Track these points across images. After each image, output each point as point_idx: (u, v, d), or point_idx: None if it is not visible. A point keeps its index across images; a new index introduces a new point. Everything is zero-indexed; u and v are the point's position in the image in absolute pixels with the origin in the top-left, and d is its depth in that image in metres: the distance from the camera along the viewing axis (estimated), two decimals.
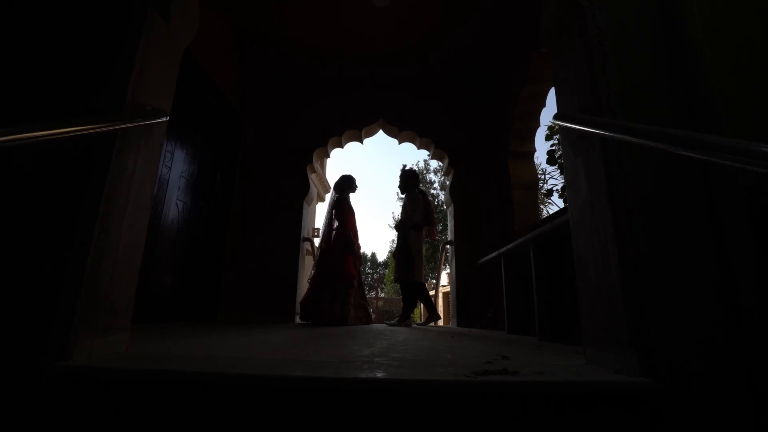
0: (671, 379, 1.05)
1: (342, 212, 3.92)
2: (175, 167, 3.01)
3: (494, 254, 3.30)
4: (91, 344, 1.25)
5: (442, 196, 19.25)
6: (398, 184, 4.25)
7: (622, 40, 1.39)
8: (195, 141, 3.34)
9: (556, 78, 1.69)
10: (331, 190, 4.17)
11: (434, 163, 20.55)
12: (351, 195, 4.13)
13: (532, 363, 1.44)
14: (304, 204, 4.30)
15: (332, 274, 3.66)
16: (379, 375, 1.08)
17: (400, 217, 4.10)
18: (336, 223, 3.92)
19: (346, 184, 4.09)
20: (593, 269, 1.35)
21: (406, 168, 4.31)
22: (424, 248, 3.89)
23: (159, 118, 1.44)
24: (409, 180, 4.19)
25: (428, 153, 4.85)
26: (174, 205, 3.02)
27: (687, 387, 1.05)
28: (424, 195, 4.18)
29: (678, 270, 1.13)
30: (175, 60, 1.72)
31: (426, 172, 20.21)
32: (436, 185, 19.84)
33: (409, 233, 3.92)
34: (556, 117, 1.49)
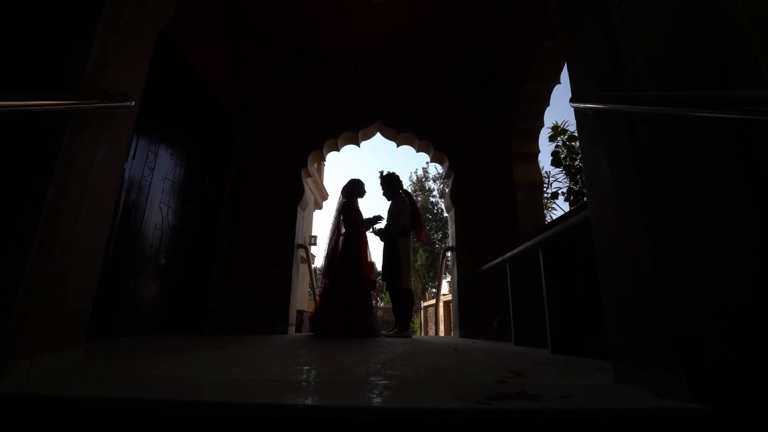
0: (730, 404, 0.86)
1: (351, 216, 3.75)
2: (159, 168, 2.83)
3: (499, 260, 3.11)
4: (30, 363, 1.05)
5: (441, 204, 19.07)
6: (382, 192, 4.07)
7: (646, 8, 1.22)
8: (182, 141, 3.17)
9: (570, 61, 1.53)
10: (339, 195, 4.00)
11: (433, 171, 20.44)
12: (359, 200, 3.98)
13: (551, 382, 1.24)
14: (299, 209, 4.11)
15: (343, 282, 3.47)
16: (373, 402, 0.89)
17: (386, 220, 3.92)
18: (344, 229, 3.74)
19: (354, 188, 3.92)
20: (621, 272, 1.16)
21: (384, 173, 4.11)
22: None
23: (121, 102, 1.26)
24: (392, 184, 4.01)
25: (427, 161, 4.68)
26: (157, 208, 2.83)
27: (752, 415, 0.85)
28: (410, 196, 4.00)
29: (734, 269, 0.95)
30: (147, 43, 1.55)
31: (425, 180, 20.06)
32: (435, 193, 19.68)
33: (396, 239, 3.74)
34: (573, 100, 1.31)
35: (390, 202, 3.97)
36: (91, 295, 1.27)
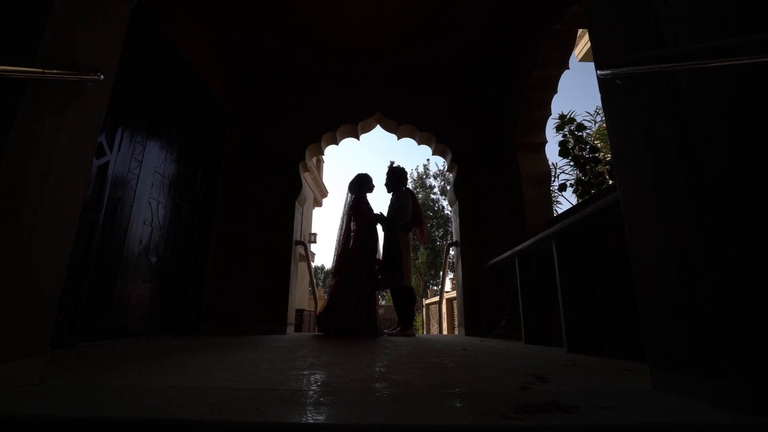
0: None
1: (361, 212, 3.60)
2: (148, 161, 2.67)
3: (507, 254, 2.96)
4: None
5: (442, 201, 18.90)
6: (384, 181, 3.96)
7: None
8: (172, 134, 3.01)
9: (593, 26, 1.37)
10: (347, 192, 3.85)
11: (434, 168, 20.28)
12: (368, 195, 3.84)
13: (581, 389, 1.09)
14: (296, 204, 3.96)
15: (354, 281, 3.33)
16: (377, 418, 0.74)
17: (386, 214, 3.79)
18: (354, 226, 3.60)
19: (363, 182, 3.78)
20: (661, 262, 1.01)
21: (395, 165, 4.04)
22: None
23: (87, 75, 1.10)
24: (397, 177, 3.89)
25: (428, 157, 4.52)
26: (146, 203, 2.68)
27: None
28: (412, 194, 3.88)
29: None
30: (121, 14, 1.40)
31: (426, 177, 19.88)
32: (436, 190, 19.49)
33: (397, 234, 3.60)
34: (600, 68, 1.16)
35: (392, 195, 3.83)
36: (56, 297, 1.12)
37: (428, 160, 31.72)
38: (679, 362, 0.96)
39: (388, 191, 3.90)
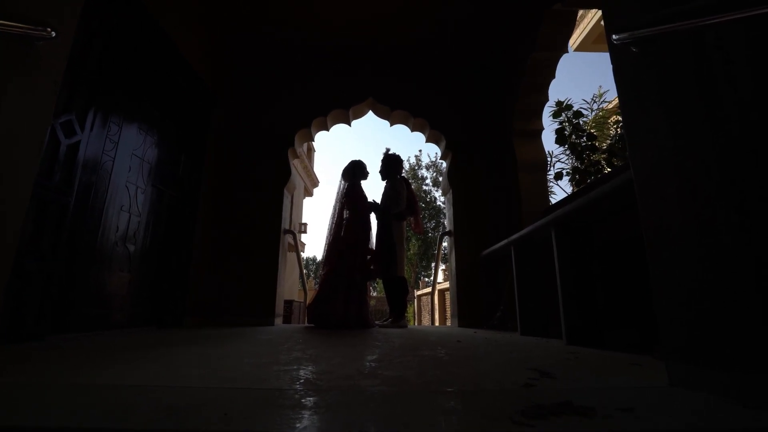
0: None
1: (355, 200, 3.48)
2: (125, 143, 2.50)
3: (503, 243, 2.86)
4: None
5: (434, 193, 18.79)
6: (379, 168, 3.82)
7: None
8: (153, 116, 2.83)
9: None
10: (340, 179, 3.71)
11: (426, 159, 20.08)
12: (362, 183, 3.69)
13: (592, 386, 0.99)
14: (285, 192, 3.82)
15: (346, 271, 3.22)
16: (365, 426, 0.63)
17: (380, 202, 3.67)
18: (347, 213, 3.48)
19: (357, 169, 3.64)
20: (684, 244, 0.91)
21: (390, 152, 3.92)
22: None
23: (33, 29, 0.95)
24: (392, 165, 3.76)
25: (420, 148, 4.39)
26: (123, 188, 2.52)
27: None
28: (407, 183, 3.76)
29: None
30: None
31: (418, 168, 19.71)
32: (428, 181, 19.36)
33: (391, 224, 3.49)
34: (615, 32, 1.04)
35: (386, 183, 3.70)
36: (3, 284, 0.98)
37: (420, 151, 31.52)
38: (701, 355, 0.86)
39: (383, 179, 3.78)
